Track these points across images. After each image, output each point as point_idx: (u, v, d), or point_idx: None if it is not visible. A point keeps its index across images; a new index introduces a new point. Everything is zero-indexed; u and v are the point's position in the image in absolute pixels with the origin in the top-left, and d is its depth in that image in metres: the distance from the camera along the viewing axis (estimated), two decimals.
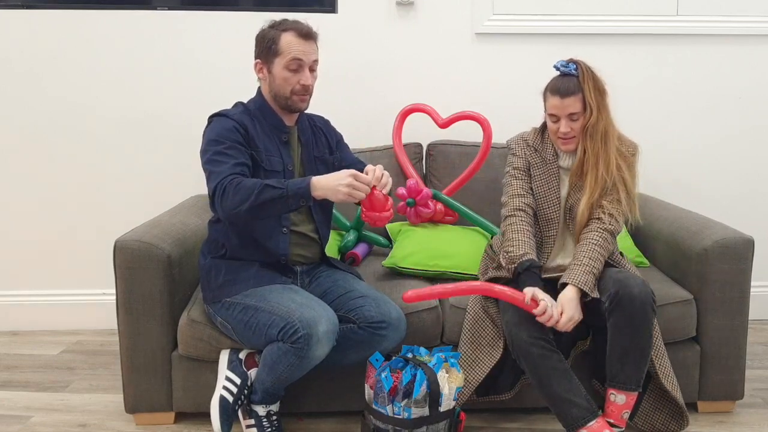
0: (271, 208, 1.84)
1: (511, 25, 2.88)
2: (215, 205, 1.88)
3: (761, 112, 2.98)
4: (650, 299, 1.91)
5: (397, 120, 2.75)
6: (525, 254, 1.99)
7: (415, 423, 1.85)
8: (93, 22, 2.82)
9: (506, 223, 2.08)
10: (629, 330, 1.91)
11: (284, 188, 1.81)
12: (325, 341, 1.82)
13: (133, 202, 2.90)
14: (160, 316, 2.08)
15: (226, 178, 1.85)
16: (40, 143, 2.88)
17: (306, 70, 1.99)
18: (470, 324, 2.08)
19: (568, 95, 1.98)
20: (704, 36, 2.91)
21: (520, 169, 2.12)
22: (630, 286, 1.90)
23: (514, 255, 2.00)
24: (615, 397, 1.95)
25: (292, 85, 1.99)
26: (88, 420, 2.19)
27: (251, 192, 1.81)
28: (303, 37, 1.97)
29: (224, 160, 1.89)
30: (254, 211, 1.83)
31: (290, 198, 1.82)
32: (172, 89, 2.87)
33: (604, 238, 2.00)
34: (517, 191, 2.10)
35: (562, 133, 2.02)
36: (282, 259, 2.04)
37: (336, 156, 2.19)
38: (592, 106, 1.98)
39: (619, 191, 2.03)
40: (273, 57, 1.98)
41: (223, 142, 1.92)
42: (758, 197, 3.02)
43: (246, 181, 1.84)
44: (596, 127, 1.99)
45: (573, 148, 2.06)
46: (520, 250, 2.00)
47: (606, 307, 1.93)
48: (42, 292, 2.97)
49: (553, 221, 2.09)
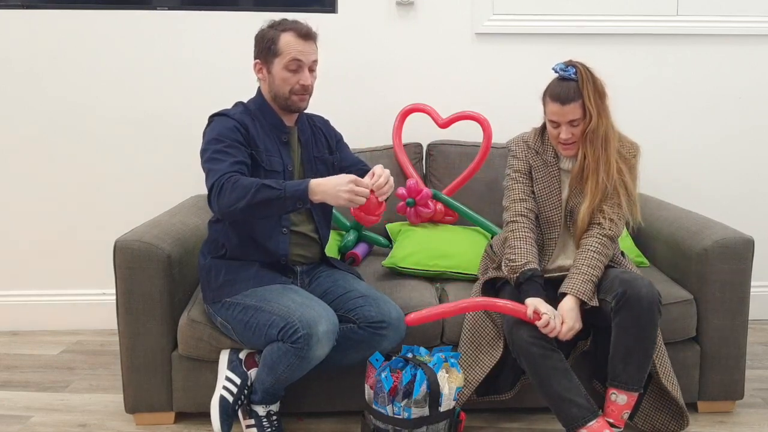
0: (267, 209, 1.83)
1: (511, 25, 2.88)
2: (212, 202, 1.87)
3: (761, 112, 2.98)
4: (657, 300, 1.91)
5: (397, 120, 2.75)
6: (527, 263, 1.99)
7: (415, 423, 1.85)
8: (93, 22, 2.82)
9: (508, 229, 2.08)
10: (635, 330, 1.90)
11: (282, 189, 1.81)
12: (325, 341, 1.82)
13: (133, 202, 2.90)
14: (160, 316, 2.08)
15: (224, 175, 1.84)
16: (40, 143, 2.88)
17: (305, 70, 1.99)
18: (470, 324, 2.08)
19: (569, 102, 1.96)
20: (704, 36, 2.91)
21: (521, 172, 2.11)
22: (638, 286, 1.90)
23: (516, 264, 2.00)
24: (616, 397, 1.95)
25: (292, 85, 1.98)
26: (88, 420, 2.19)
27: (248, 190, 1.80)
28: (302, 37, 1.97)
29: (223, 158, 1.89)
30: (250, 210, 1.82)
31: (287, 200, 1.82)
32: (172, 89, 2.87)
33: (604, 244, 2.00)
34: (519, 195, 2.09)
35: (562, 139, 2.01)
36: (282, 259, 2.04)
37: (336, 156, 2.18)
38: (591, 111, 1.97)
39: (620, 195, 2.03)
40: (272, 57, 1.98)
41: (223, 141, 1.92)
42: (758, 197, 3.02)
43: (243, 180, 1.83)
44: (596, 131, 1.98)
45: (573, 153, 2.05)
46: (523, 258, 2.00)
47: (612, 306, 1.93)
48: (42, 292, 2.97)
49: (554, 224, 2.09)
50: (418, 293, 2.18)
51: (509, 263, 2.02)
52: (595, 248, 1.99)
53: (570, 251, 2.11)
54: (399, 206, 2.55)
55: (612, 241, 2.03)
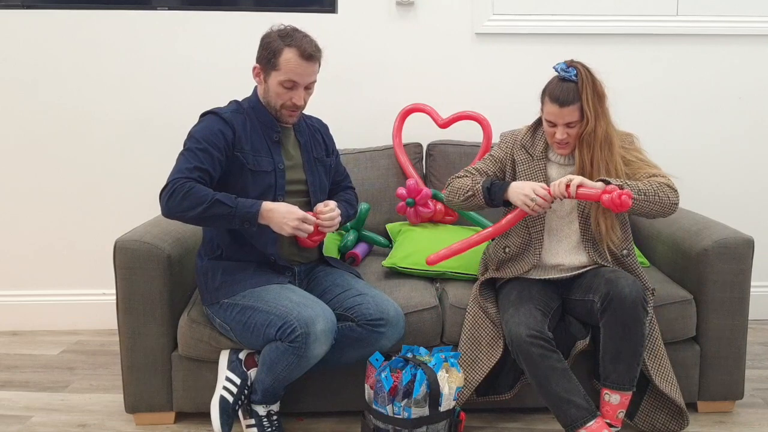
0: (215, 222, 1.90)
1: (511, 25, 2.88)
2: (161, 199, 1.89)
3: (761, 112, 2.98)
4: (641, 299, 1.91)
5: (397, 120, 2.75)
6: (476, 182, 2.09)
7: (415, 423, 1.85)
8: (93, 22, 2.82)
9: (451, 178, 2.18)
10: (621, 330, 1.91)
11: (234, 207, 1.86)
12: (323, 339, 1.83)
13: (133, 203, 2.90)
14: (160, 316, 2.08)
15: (181, 178, 1.87)
16: (39, 143, 2.88)
17: (300, 89, 1.98)
18: (470, 324, 2.08)
19: (567, 105, 1.96)
20: (704, 36, 2.91)
21: (495, 159, 2.18)
22: (621, 286, 1.90)
23: (471, 186, 2.09)
24: (609, 397, 1.95)
25: (284, 100, 1.99)
26: (88, 420, 2.19)
27: (201, 202, 1.84)
28: (305, 58, 1.95)
29: (190, 159, 1.91)
30: (199, 221, 1.89)
31: (236, 218, 1.87)
32: (172, 89, 2.87)
33: (659, 182, 1.96)
34: (479, 166, 2.17)
35: (557, 139, 2.02)
36: (271, 257, 2.03)
37: (332, 159, 2.20)
38: (589, 114, 1.96)
39: (647, 166, 2.03)
40: (270, 69, 1.97)
41: (200, 142, 1.93)
42: (758, 197, 3.02)
43: (198, 189, 1.85)
44: (594, 134, 1.98)
45: (567, 153, 2.06)
46: (471, 183, 2.10)
47: (597, 307, 1.94)
48: (42, 292, 2.97)
49: (539, 218, 2.09)
50: (418, 293, 2.18)
51: (460, 191, 2.11)
52: (649, 181, 1.97)
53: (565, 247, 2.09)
54: (399, 206, 2.55)
55: (670, 189, 1.97)
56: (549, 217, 2.10)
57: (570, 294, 2.07)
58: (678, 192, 1.98)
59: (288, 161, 2.06)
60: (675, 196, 1.97)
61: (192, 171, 1.89)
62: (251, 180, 1.97)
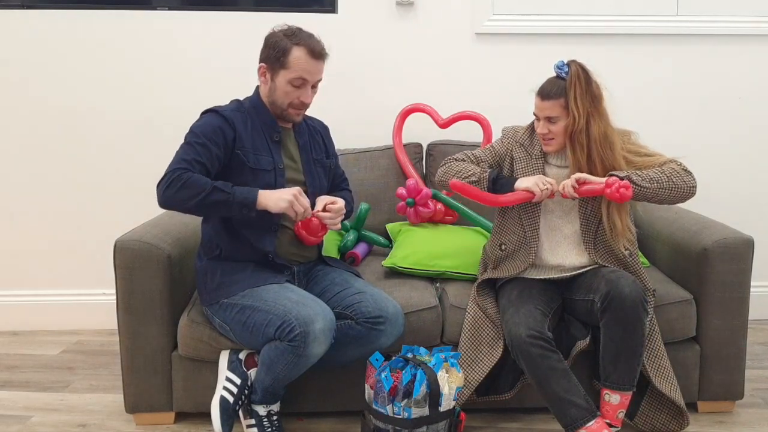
0: (215, 210, 1.91)
1: (511, 25, 2.88)
2: (158, 188, 1.89)
3: (761, 113, 2.98)
4: (641, 299, 1.91)
5: (397, 120, 2.75)
6: (483, 170, 2.07)
7: (415, 423, 1.85)
8: (93, 22, 2.82)
9: (448, 158, 2.16)
10: (620, 330, 1.91)
11: (231, 194, 1.87)
12: (322, 338, 1.83)
13: (133, 202, 2.90)
14: (160, 316, 2.08)
15: (179, 169, 1.88)
16: (39, 143, 2.88)
17: (308, 87, 2.00)
18: (470, 324, 2.08)
19: (548, 98, 1.99)
20: (704, 36, 2.91)
21: (495, 151, 2.17)
22: (621, 286, 1.91)
23: (478, 173, 2.07)
24: (609, 397, 1.96)
25: (292, 99, 1.99)
26: (88, 420, 2.19)
27: (200, 191, 1.85)
28: (314, 56, 1.96)
29: (188, 152, 1.92)
30: (197, 209, 1.90)
31: (234, 205, 1.88)
32: (172, 89, 2.87)
33: (671, 168, 1.96)
34: (477, 153, 2.16)
35: (539, 133, 2.04)
36: (270, 255, 2.03)
37: (332, 161, 2.21)
38: (575, 112, 1.96)
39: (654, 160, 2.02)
40: (279, 68, 1.97)
41: (199, 137, 1.94)
42: (758, 197, 3.02)
43: (196, 178, 1.87)
44: (588, 134, 1.97)
45: (552, 150, 2.07)
46: (475, 169, 2.08)
47: (598, 307, 1.93)
48: (42, 292, 2.97)
49: (534, 215, 2.09)
50: (418, 293, 2.18)
51: (461, 175, 2.07)
52: (660, 168, 1.97)
53: (564, 248, 2.09)
54: (399, 206, 2.55)
55: (684, 171, 1.97)
56: (549, 217, 2.10)
57: (570, 294, 2.07)
58: (693, 174, 1.98)
59: (287, 161, 2.06)
60: (691, 178, 1.97)
61: (190, 163, 1.90)
62: (251, 178, 1.97)
